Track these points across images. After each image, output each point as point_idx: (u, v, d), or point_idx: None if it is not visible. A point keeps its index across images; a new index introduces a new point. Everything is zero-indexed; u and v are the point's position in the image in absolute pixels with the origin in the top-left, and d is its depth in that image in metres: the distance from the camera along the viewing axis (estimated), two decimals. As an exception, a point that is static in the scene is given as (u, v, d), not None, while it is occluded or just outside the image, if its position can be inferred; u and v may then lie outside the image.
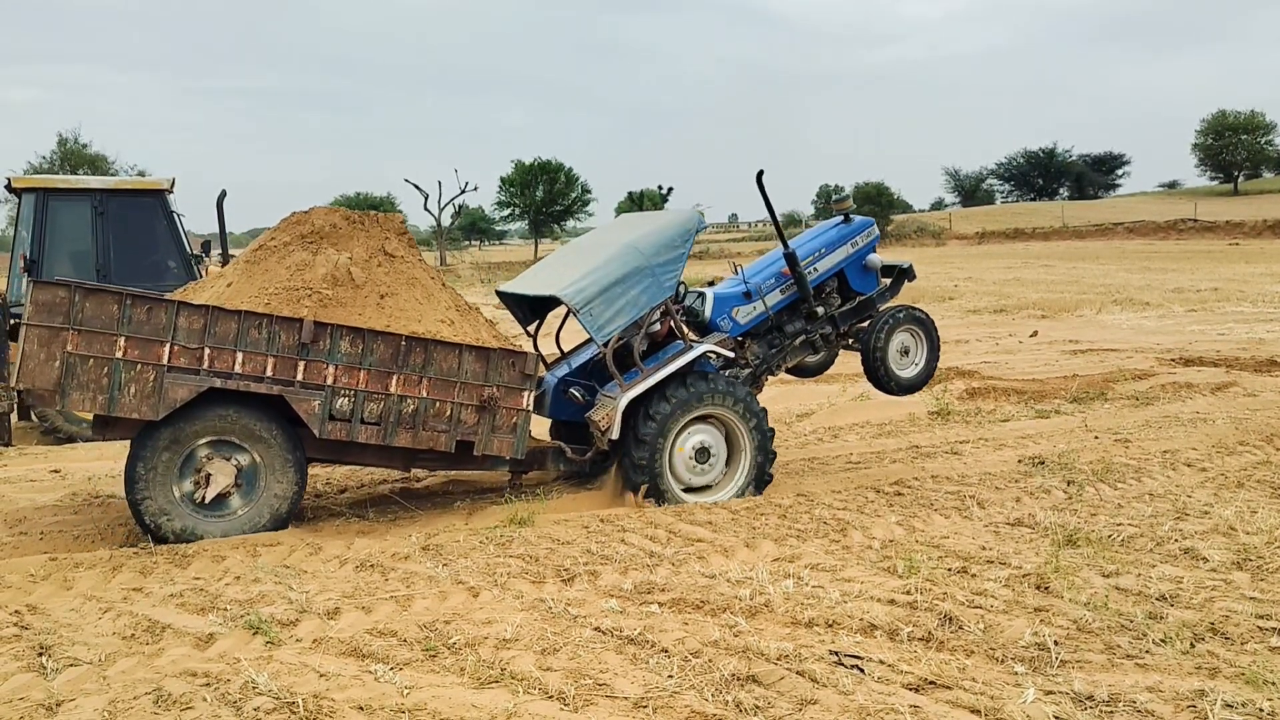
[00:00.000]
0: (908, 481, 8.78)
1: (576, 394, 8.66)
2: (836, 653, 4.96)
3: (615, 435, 8.17)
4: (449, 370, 7.52)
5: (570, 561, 6.44)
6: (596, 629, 5.25)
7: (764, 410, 8.76)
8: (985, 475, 8.96)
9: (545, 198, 75.87)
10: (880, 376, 9.83)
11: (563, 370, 9.08)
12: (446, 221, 66.88)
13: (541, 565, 6.36)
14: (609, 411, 8.27)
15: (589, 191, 78.91)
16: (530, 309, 9.44)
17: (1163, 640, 5.07)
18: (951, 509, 7.91)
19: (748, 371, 9.41)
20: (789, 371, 10.08)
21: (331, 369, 7.21)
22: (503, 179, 77.63)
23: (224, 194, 13.90)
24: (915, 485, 8.64)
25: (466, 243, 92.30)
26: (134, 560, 6.51)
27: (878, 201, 72.89)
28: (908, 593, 5.80)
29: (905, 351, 9.99)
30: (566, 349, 9.71)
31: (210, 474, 6.94)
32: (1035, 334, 20.86)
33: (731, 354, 8.83)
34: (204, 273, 12.72)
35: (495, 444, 7.76)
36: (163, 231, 12.67)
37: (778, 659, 4.86)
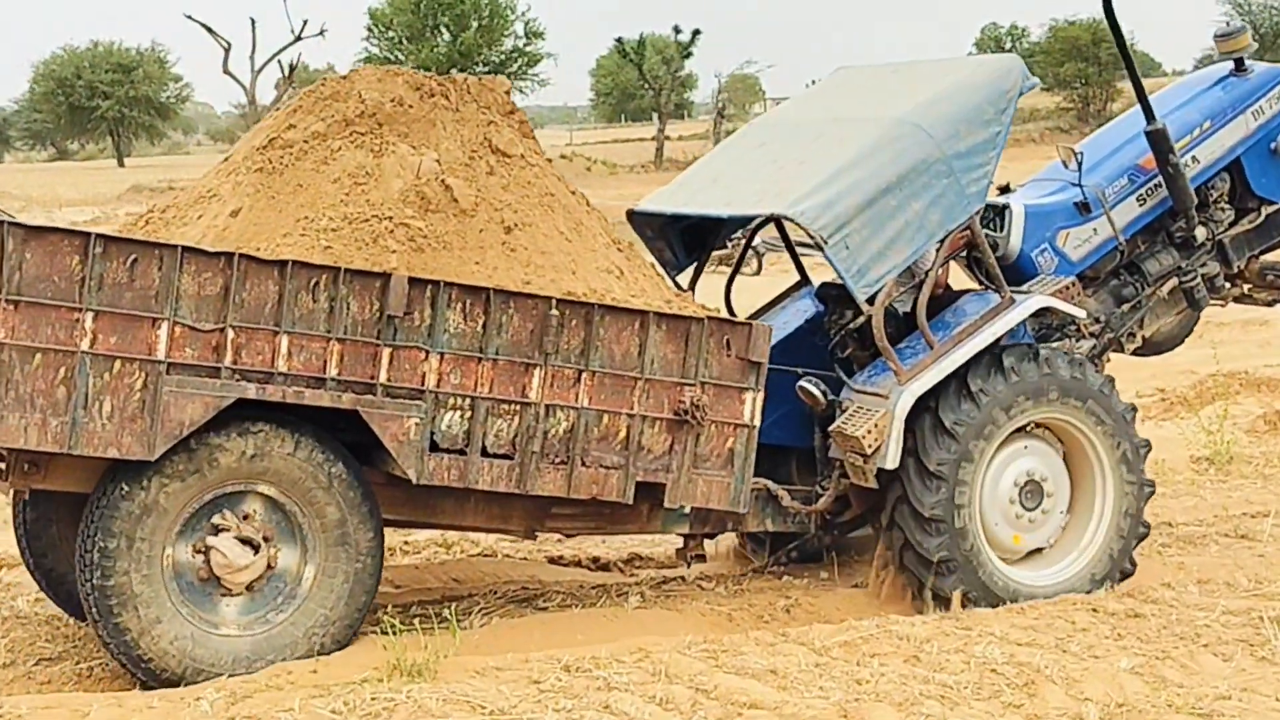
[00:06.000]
0: (1150, 592, 6.92)
1: (812, 390, 6.87)
2: None
3: (891, 462, 6.53)
4: (625, 358, 6.17)
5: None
6: None
7: (1146, 444, 7.17)
8: None
9: (453, 48, 56.39)
10: None
11: None
12: (269, 94, 52.40)
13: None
14: (878, 420, 6.49)
15: (539, 35, 59.53)
16: (687, 243, 7.61)
17: None
18: (1236, 643, 6.22)
19: (1087, 344, 7.51)
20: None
21: (434, 360, 5.88)
22: (373, 14, 58.18)
23: None
24: (1166, 599, 6.81)
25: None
26: None
27: (1089, 56, 57.25)
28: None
29: None
30: (741, 314, 7.93)
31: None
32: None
33: (1083, 313, 7.20)
34: None
35: (699, 488, 6.33)
36: None
37: None
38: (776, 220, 7.76)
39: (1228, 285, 8.23)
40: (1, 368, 5.61)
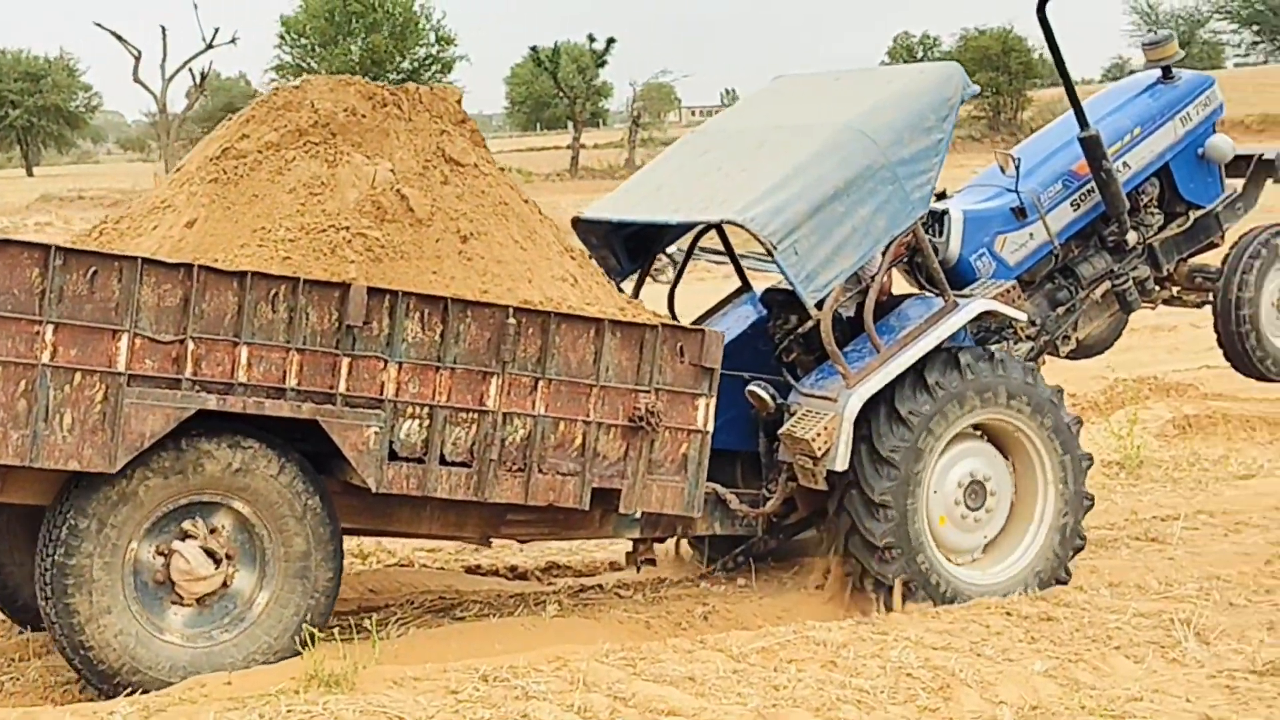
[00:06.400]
0: (1063, 595, 6.96)
1: (761, 394, 6.82)
2: None
3: (841, 464, 6.50)
4: (581, 365, 6.14)
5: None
6: None
7: (1077, 420, 7.21)
8: (1210, 581, 7.16)
9: (366, 55, 54.57)
10: (1247, 347, 7.95)
11: None
12: (180, 103, 50.53)
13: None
14: (829, 423, 6.45)
15: (451, 42, 58.41)
16: (631, 250, 7.60)
17: None
18: (1147, 645, 6.22)
19: (1025, 347, 7.62)
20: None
21: (393, 369, 5.83)
22: (285, 22, 56.68)
23: None
24: (1077, 602, 6.81)
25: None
26: None
27: (999, 66, 57.29)
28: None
29: None
30: (685, 318, 7.93)
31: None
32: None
33: (1024, 316, 7.19)
34: None
35: (654, 493, 6.29)
36: None
37: None
38: (718, 227, 7.62)
39: (1157, 288, 8.24)
40: None
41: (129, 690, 5.81)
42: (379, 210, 6.19)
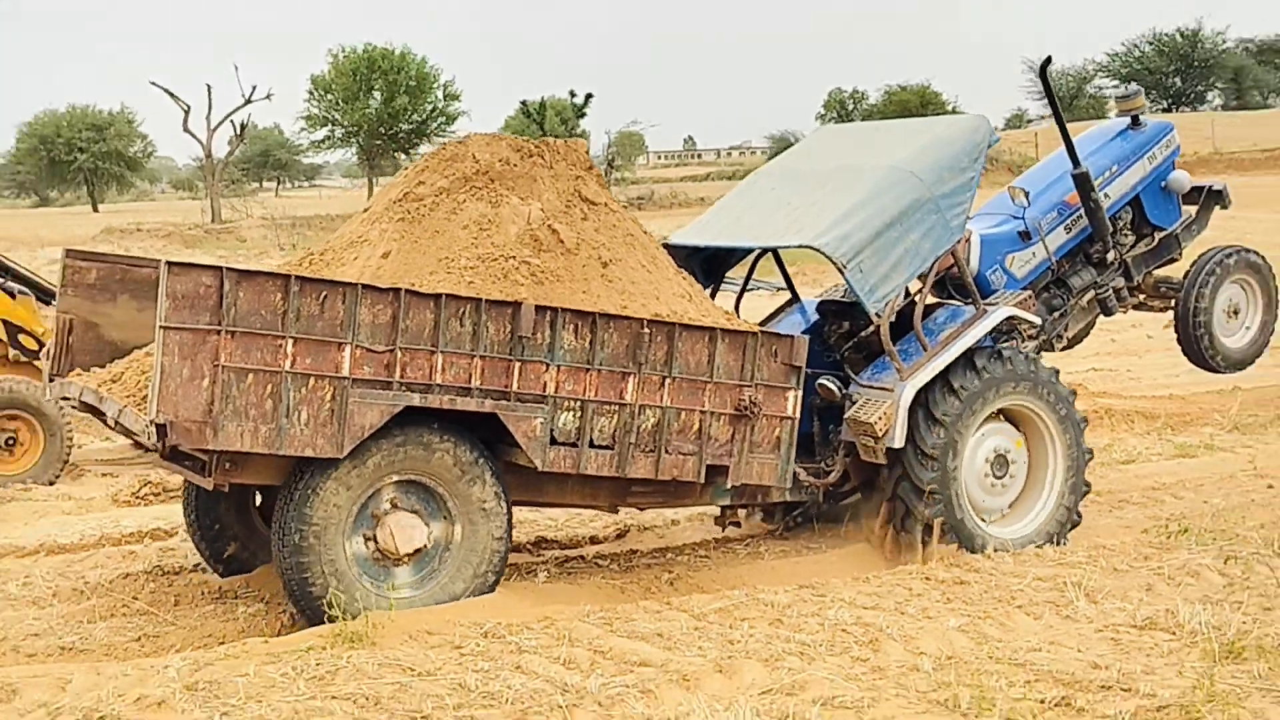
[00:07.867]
0: (974, 562, 7.50)
1: (830, 386, 7.89)
2: None
3: (899, 441, 7.51)
4: (698, 366, 7.00)
5: (432, 705, 5.30)
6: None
7: (1084, 419, 8.15)
8: (1097, 549, 7.73)
9: (385, 108, 59.06)
10: (1202, 347, 9.08)
11: None
12: (221, 149, 52.81)
13: (383, 712, 5.25)
14: (887, 408, 7.51)
15: (456, 99, 62.26)
16: (705, 270, 8.57)
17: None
18: (1044, 604, 6.75)
19: (1032, 345, 8.57)
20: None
21: (553, 371, 6.64)
22: (315, 80, 60.50)
23: None
24: (986, 568, 7.38)
25: (255, 185, 75.11)
26: None
27: (919, 115, 59.04)
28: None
29: (1235, 311, 9.21)
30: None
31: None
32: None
33: (1040, 320, 8.31)
34: None
35: (754, 468, 7.24)
36: None
37: None
38: (774, 252, 8.42)
39: (1129, 296, 9.14)
40: (223, 386, 5.93)
41: (296, 543, 6.21)
42: (536, 242, 6.82)
